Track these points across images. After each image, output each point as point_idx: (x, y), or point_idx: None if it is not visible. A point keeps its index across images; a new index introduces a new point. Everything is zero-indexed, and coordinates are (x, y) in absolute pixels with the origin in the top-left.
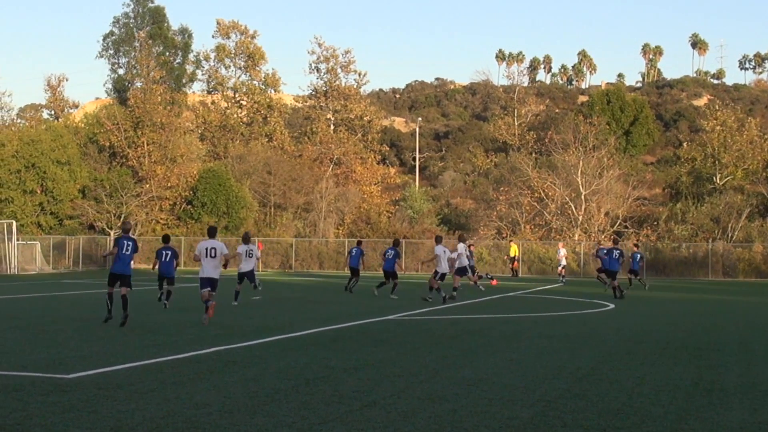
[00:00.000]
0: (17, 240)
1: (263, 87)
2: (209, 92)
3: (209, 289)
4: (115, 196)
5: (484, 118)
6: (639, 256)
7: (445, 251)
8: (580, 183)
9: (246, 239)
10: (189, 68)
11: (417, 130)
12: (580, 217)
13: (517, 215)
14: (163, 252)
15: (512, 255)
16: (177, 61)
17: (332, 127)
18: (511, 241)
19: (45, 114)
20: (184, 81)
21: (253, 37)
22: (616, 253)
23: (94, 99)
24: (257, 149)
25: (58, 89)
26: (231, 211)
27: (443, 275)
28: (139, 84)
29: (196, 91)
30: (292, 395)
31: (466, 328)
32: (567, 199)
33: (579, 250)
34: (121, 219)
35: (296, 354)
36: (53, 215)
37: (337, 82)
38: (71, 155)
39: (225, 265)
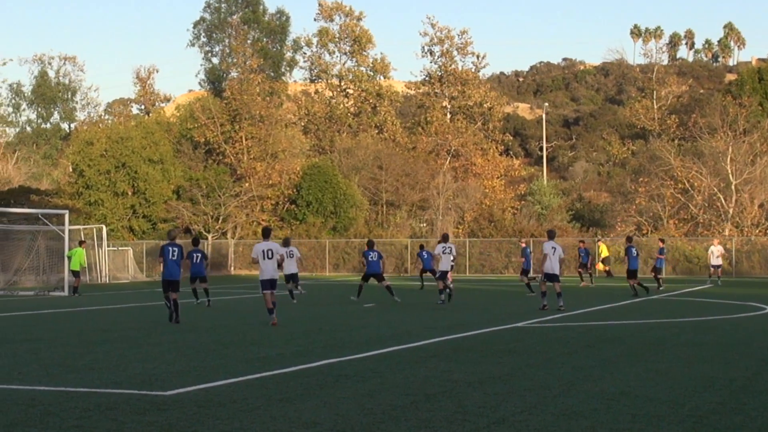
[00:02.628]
0: (108, 246)
1: (371, 73)
2: (312, 81)
3: (271, 290)
4: (212, 196)
5: (618, 101)
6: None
7: (555, 248)
8: (729, 171)
9: (286, 243)
10: (288, 54)
11: (543, 116)
12: (731, 210)
13: (658, 209)
14: (194, 254)
15: (603, 256)
16: (274, 47)
17: (449, 115)
18: (599, 240)
19: (134, 109)
20: (283, 69)
21: (359, 18)
22: (634, 250)
23: (187, 91)
24: (366, 142)
25: (148, 82)
26: (339, 211)
27: (551, 276)
28: (234, 74)
29: (297, 79)
30: (411, 412)
31: (604, 336)
32: (715, 189)
33: (730, 246)
34: (219, 220)
35: (415, 366)
36: (146, 218)
37: (453, 66)
38: (164, 153)
39: (279, 266)
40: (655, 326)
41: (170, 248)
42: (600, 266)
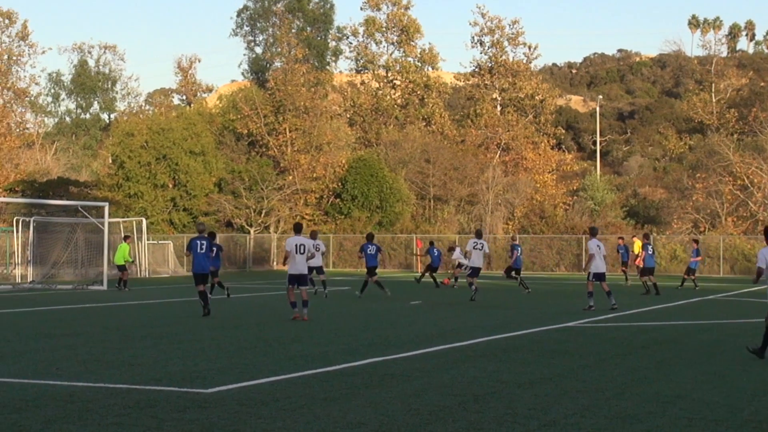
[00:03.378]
0: (148, 239)
1: (419, 64)
2: (358, 71)
3: (296, 286)
4: (254, 189)
5: (675, 94)
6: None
7: (600, 246)
8: None
9: (312, 237)
10: (332, 44)
11: (597, 109)
12: None
13: (716, 206)
14: (213, 247)
15: (636, 252)
16: (319, 36)
17: (499, 108)
18: (634, 236)
19: (176, 99)
20: (328, 59)
21: (406, 8)
22: (650, 248)
23: (230, 81)
24: (414, 134)
25: (190, 72)
26: (385, 205)
27: (600, 275)
28: (278, 63)
29: (343, 70)
30: (458, 413)
31: (658, 337)
32: None
33: None
34: (262, 214)
35: (463, 366)
36: (186, 211)
37: (504, 57)
38: (205, 145)
39: (320, 269)
40: (711, 327)
41: (198, 241)
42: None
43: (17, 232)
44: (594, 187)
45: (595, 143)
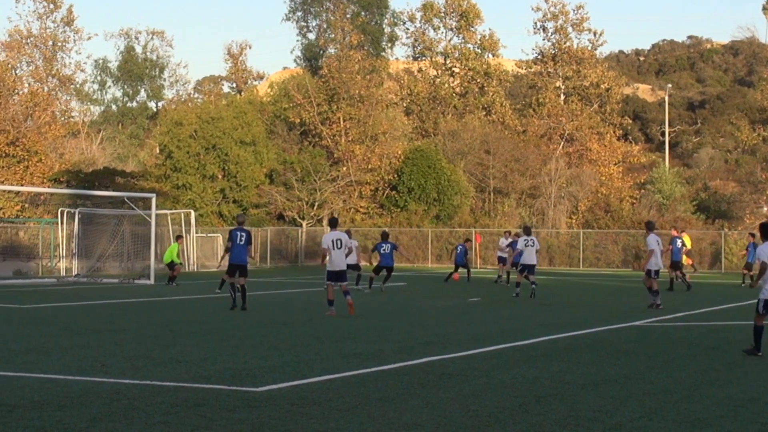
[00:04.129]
0: (196, 232)
1: (479, 51)
2: (415, 58)
3: (335, 282)
4: (307, 180)
5: (748, 83)
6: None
7: (659, 242)
8: None
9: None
10: (387, 30)
11: (666, 99)
12: None
13: None
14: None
15: (689, 247)
16: (373, 21)
17: (562, 96)
18: (683, 231)
19: (225, 87)
20: (383, 45)
21: None
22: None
23: (281, 69)
24: (473, 124)
25: (240, 58)
26: (443, 198)
27: (657, 271)
28: (332, 50)
29: (399, 57)
30: (519, 415)
31: (730, 338)
32: None
33: None
34: (315, 206)
35: (524, 366)
36: (236, 203)
37: (568, 44)
38: (256, 134)
39: (357, 266)
40: None
41: (238, 233)
42: (686, 259)
43: (62, 223)
44: (662, 180)
45: (663, 134)
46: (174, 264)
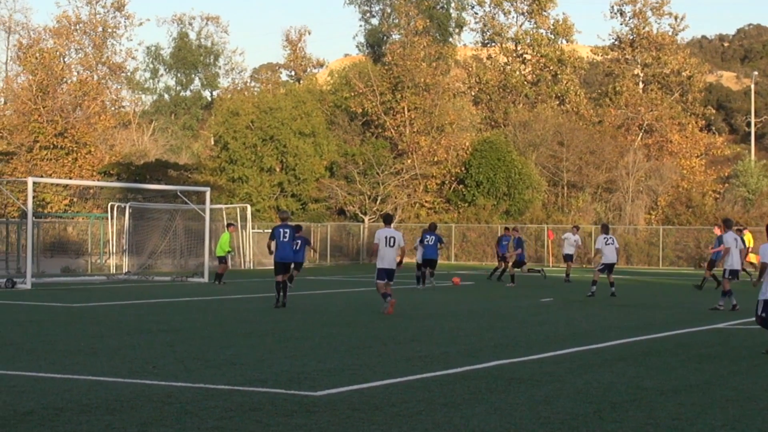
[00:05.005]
0: (253, 228)
1: (552, 37)
2: (484, 44)
3: (386, 280)
4: (369, 173)
5: None
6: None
7: (737, 240)
8: None
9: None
10: (455, 14)
11: (752, 87)
12: None
13: None
14: (299, 239)
15: (749, 245)
16: (440, 6)
17: (641, 85)
18: (744, 228)
19: (283, 75)
20: (451, 31)
21: None
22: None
23: (343, 56)
24: (545, 114)
25: (299, 45)
26: (513, 192)
27: (735, 272)
28: (396, 36)
29: (467, 43)
30: (593, 422)
31: None
32: None
33: None
34: (377, 201)
35: (598, 371)
36: (295, 198)
37: (647, 29)
38: (316, 125)
39: (400, 263)
40: None
41: (281, 229)
42: (751, 258)
43: (112, 218)
44: (748, 173)
45: (749, 125)
46: (223, 258)
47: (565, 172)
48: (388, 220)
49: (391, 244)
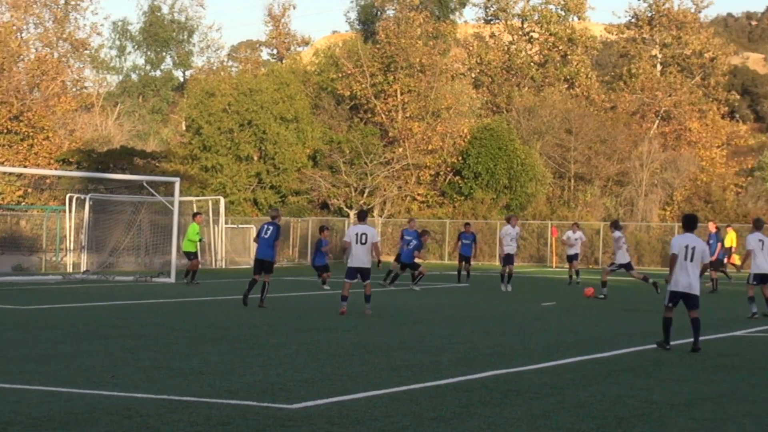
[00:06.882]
0: (226, 222)
1: (562, 13)
2: (487, 22)
3: (357, 279)
4: (356, 163)
5: None
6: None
7: (762, 241)
8: None
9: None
10: None
11: None
12: None
13: None
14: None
15: (728, 246)
16: None
17: (659, 67)
18: (728, 226)
19: (264, 54)
20: (452, 6)
21: None
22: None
23: (330, 33)
24: (553, 99)
25: (283, 21)
26: (515, 185)
27: (763, 276)
28: (391, 12)
29: (469, 20)
30: None
31: None
32: None
33: None
34: (365, 194)
35: (603, 382)
36: (274, 189)
37: (667, 5)
38: (299, 109)
39: (379, 262)
40: None
41: (266, 225)
42: (736, 259)
43: (70, 212)
44: None
45: None
46: (193, 253)
47: (572, 163)
48: (362, 216)
49: (363, 241)
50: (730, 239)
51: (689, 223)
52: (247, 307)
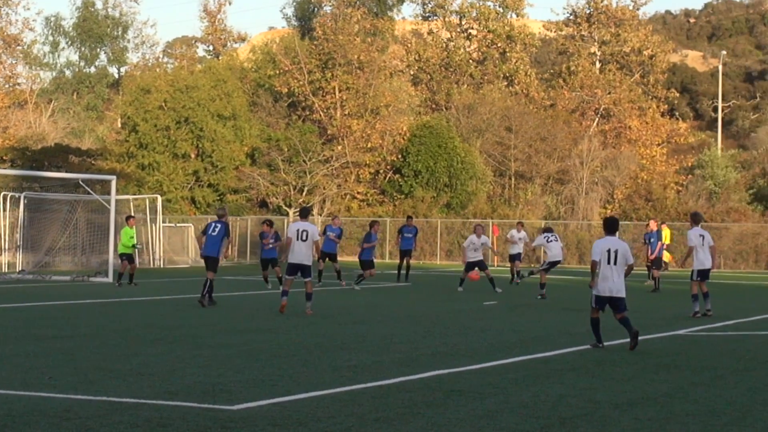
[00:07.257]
0: (163, 221)
1: (501, 10)
2: (425, 18)
3: (297, 276)
4: (295, 161)
5: None
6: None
7: (703, 236)
8: None
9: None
10: None
11: (720, 68)
12: None
13: None
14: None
15: (667, 242)
16: None
17: (598, 64)
18: (663, 222)
19: (201, 50)
20: (389, 2)
21: None
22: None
23: (267, 29)
24: (492, 96)
25: (218, 16)
26: (455, 183)
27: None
28: (328, 8)
29: (406, 16)
30: None
31: None
32: None
33: None
34: (304, 192)
35: (547, 382)
36: (212, 188)
37: (606, 2)
38: (237, 106)
39: (318, 259)
40: None
41: (213, 224)
42: (666, 256)
43: (4, 210)
44: (714, 163)
45: (716, 110)
46: (128, 256)
47: (512, 161)
48: (304, 213)
49: (304, 237)
50: (665, 236)
51: (611, 226)
52: (201, 309)
